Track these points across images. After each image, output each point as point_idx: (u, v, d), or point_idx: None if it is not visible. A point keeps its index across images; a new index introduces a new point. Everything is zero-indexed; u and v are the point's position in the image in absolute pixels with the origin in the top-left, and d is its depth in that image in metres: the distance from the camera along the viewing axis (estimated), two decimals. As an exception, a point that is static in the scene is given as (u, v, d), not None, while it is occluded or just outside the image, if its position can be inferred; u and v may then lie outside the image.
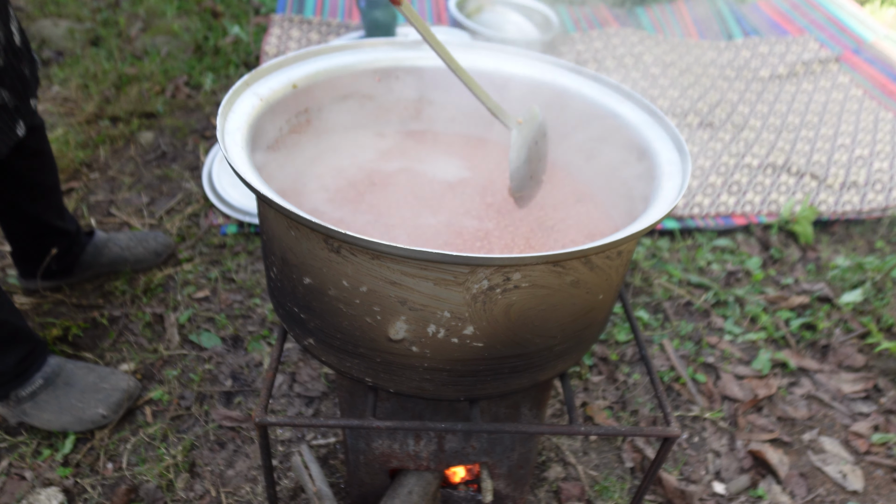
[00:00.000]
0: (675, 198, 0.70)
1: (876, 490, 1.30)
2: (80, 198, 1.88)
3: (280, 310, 0.80)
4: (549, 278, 0.64)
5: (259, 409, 0.76)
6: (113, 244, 1.59)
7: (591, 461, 1.31)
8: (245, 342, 1.49)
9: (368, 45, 0.97)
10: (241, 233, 1.79)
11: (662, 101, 2.42)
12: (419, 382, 0.73)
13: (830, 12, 3.11)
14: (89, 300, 1.56)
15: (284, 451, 1.28)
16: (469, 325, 0.66)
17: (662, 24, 3.11)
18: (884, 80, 2.67)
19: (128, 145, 2.12)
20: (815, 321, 1.66)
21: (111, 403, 1.27)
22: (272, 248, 0.74)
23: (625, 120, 0.88)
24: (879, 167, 2.17)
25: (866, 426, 1.42)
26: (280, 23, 2.75)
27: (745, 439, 1.37)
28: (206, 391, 1.37)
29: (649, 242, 1.90)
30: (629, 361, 1.53)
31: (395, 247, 0.56)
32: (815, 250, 1.93)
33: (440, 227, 0.84)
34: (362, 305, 0.66)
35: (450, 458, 0.99)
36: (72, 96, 2.31)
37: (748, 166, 2.15)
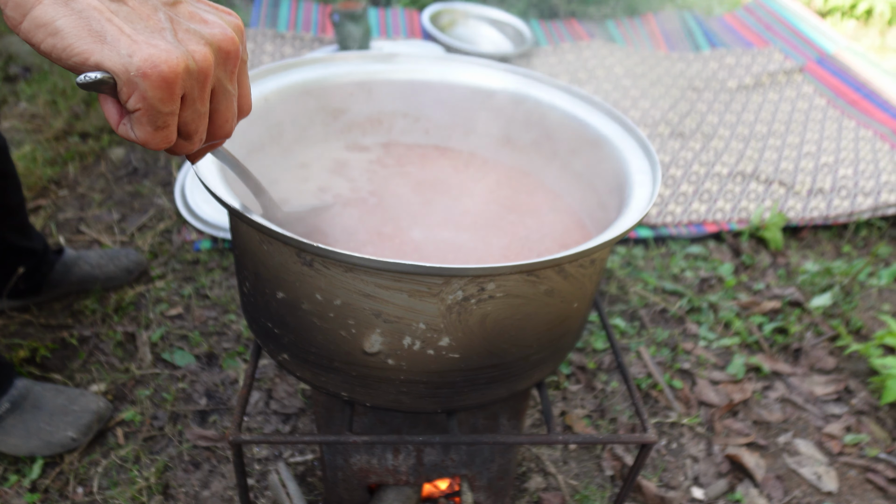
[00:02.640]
0: (646, 206, 0.71)
1: (850, 490, 1.32)
2: (48, 215, 1.84)
3: (254, 325, 0.79)
4: (523, 288, 0.64)
5: (233, 427, 0.75)
6: (83, 262, 1.56)
7: (571, 470, 1.31)
8: (220, 359, 1.47)
9: (341, 58, 0.97)
10: (215, 248, 1.76)
11: (634, 112, 2.46)
12: (396, 395, 0.72)
13: (794, 25, 3.21)
14: (58, 320, 1.52)
15: (261, 470, 1.26)
16: (445, 337, 0.65)
17: (632, 37, 3.17)
18: (846, 89, 2.75)
19: (98, 161, 2.08)
20: (786, 325, 1.69)
21: (81, 426, 1.24)
22: (244, 263, 0.73)
23: (596, 130, 0.90)
24: (844, 174, 2.23)
25: (839, 427, 1.45)
26: (253, 37, 2.75)
27: (721, 444, 1.39)
28: (179, 410, 1.35)
29: (624, 251, 1.92)
30: (607, 369, 1.54)
31: (369, 259, 0.56)
32: (785, 256, 1.97)
33: (414, 240, 0.84)
34: (336, 319, 0.65)
35: (429, 471, 0.99)
36: (40, 112, 2.27)
37: (718, 175, 2.19)
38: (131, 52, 0.40)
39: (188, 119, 0.46)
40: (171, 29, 0.43)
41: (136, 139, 0.44)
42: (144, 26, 0.42)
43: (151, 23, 0.42)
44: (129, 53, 0.40)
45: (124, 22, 0.41)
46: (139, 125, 0.43)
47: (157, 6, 0.43)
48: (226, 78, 0.47)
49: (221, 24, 0.46)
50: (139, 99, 0.41)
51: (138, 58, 0.40)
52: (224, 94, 0.48)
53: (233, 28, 0.47)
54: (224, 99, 0.48)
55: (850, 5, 3.89)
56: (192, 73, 0.43)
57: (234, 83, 0.48)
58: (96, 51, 0.39)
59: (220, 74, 0.46)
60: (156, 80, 0.41)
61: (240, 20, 0.49)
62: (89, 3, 0.40)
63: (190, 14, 0.45)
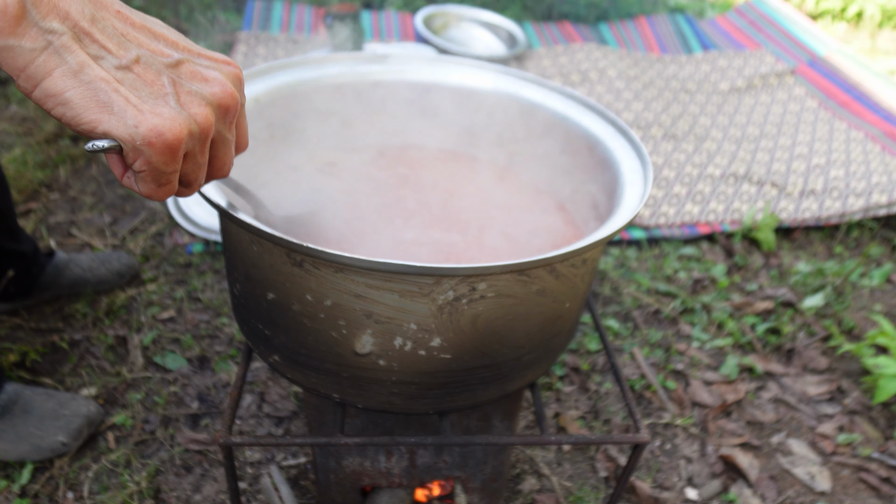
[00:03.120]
0: (637, 206, 0.71)
1: (843, 490, 1.32)
2: (39, 219, 1.83)
3: (244, 327, 0.78)
4: (514, 287, 0.64)
5: (223, 429, 0.74)
6: (74, 265, 1.55)
7: (565, 472, 1.31)
8: (212, 362, 1.46)
9: (332, 59, 0.97)
10: (207, 251, 1.76)
11: (627, 114, 2.46)
12: (388, 397, 0.72)
13: (785, 27, 3.23)
14: (48, 323, 1.51)
15: (254, 473, 1.25)
16: (436, 337, 0.65)
17: (625, 39, 3.18)
18: (837, 91, 2.77)
19: (89, 165, 2.07)
20: (779, 326, 1.69)
21: (71, 430, 1.23)
22: (235, 265, 0.73)
23: (587, 131, 0.90)
24: (836, 175, 2.25)
25: (832, 427, 1.45)
26: (246, 40, 2.74)
27: (715, 444, 1.39)
28: (171, 414, 1.34)
29: (618, 252, 1.92)
30: (600, 370, 1.54)
31: (359, 259, 0.56)
32: (778, 257, 1.97)
33: (406, 241, 0.84)
34: (327, 320, 0.65)
35: (422, 473, 0.98)
36: (30, 115, 2.26)
37: (711, 176, 2.20)
38: (137, 123, 0.42)
39: (188, 171, 0.49)
40: (174, 93, 0.45)
41: (140, 193, 0.47)
42: (149, 93, 0.44)
43: (155, 88, 0.44)
44: (135, 124, 0.42)
45: (130, 91, 0.43)
46: (143, 183, 0.46)
47: (160, 70, 0.45)
48: (225, 129, 0.50)
49: (221, 79, 0.48)
50: (144, 163, 0.44)
51: (144, 128, 0.43)
52: (223, 143, 0.51)
53: (232, 80, 0.50)
54: (222, 146, 0.51)
55: (841, 8, 3.92)
56: (194, 135, 0.46)
57: (232, 132, 0.51)
58: (104, 121, 0.42)
59: (220, 127, 0.49)
60: (160, 147, 0.43)
61: (238, 69, 0.51)
62: (97, 74, 0.42)
63: (191, 73, 0.47)
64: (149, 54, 0.45)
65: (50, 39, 0.41)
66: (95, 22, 0.43)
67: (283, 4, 3.08)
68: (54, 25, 0.41)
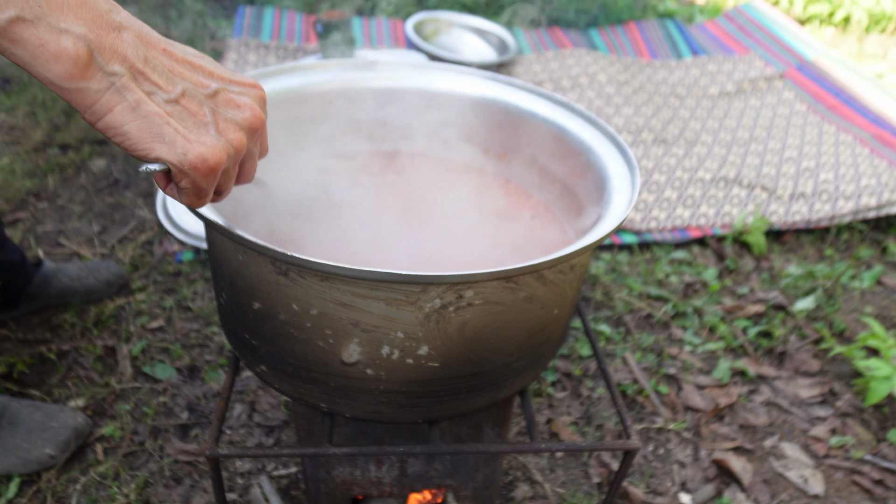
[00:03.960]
0: (625, 211, 0.70)
1: (836, 493, 1.32)
2: (27, 228, 1.81)
3: (231, 337, 0.78)
4: (502, 294, 0.64)
5: (210, 440, 0.74)
6: (62, 275, 1.54)
7: (557, 478, 1.30)
8: (202, 372, 1.45)
9: (321, 66, 0.97)
10: (197, 260, 1.75)
11: (617, 119, 2.47)
12: (376, 406, 0.71)
13: (773, 32, 3.25)
14: (36, 334, 1.49)
15: (244, 484, 1.24)
16: (424, 345, 0.65)
17: (615, 45, 3.20)
18: (825, 95, 2.79)
19: (78, 173, 2.06)
20: (771, 329, 1.70)
21: (59, 442, 1.22)
22: (221, 274, 0.72)
23: (575, 136, 0.90)
24: (825, 178, 2.26)
25: (824, 430, 1.45)
26: (236, 47, 2.74)
27: (708, 449, 1.38)
28: (160, 425, 1.32)
29: (609, 257, 1.92)
30: (593, 376, 1.53)
31: (344, 267, 0.55)
32: (768, 260, 1.98)
33: (394, 248, 0.83)
34: (314, 329, 0.64)
35: (413, 482, 0.97)
36: (19, 124, 2.25)
37: (701, 180, 2.21)
38: (185, 151, 0.51)
39: (222, 183, 0.57)
40: (214, 122, 0.53)
41: (181, 202, 0.56)
42: (193, 123, 0.52)
43: (198, 118, 0.52)
44: (183, 152, 0.51)
45: (178, 122, 0.51)
46: (186, 196, 0.54)
47: (202, 101, 0.52)
48: (253, 145, 0.58)
49: (251, 104, 0.56)
50: (189, 182, 0.53)
51: (192, 155, 0.51)
52: (250, 156, 0.59)
53: (258, 102, 0.57)
54: (249, 159, 0.59)
55: (829, 13, 3.95)
56: (231, 157, 0.55)
57: (257, 146, 0.60)
58: (157, 149, 0.50)
59: (250, 145, 0.58)
60: (204, 170, 0.52)
61: (262, 90, 0.58)
62: (151, 110, 0.49)
63: (227, 101, 0.54)
64: (192, 87, 0.52)
65: (112, 80, 0.48)
66: (148, 62, 0.49)
67: (274, 11, 3.08)
68: (115, 69, 0.47)
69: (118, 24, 0.48)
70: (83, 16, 0.46)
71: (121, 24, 0.48)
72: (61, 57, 0.45)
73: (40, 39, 0.45)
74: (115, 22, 0.48)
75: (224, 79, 0.55)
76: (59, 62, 0.45)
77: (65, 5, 0.45)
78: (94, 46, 0.46)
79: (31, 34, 0.44)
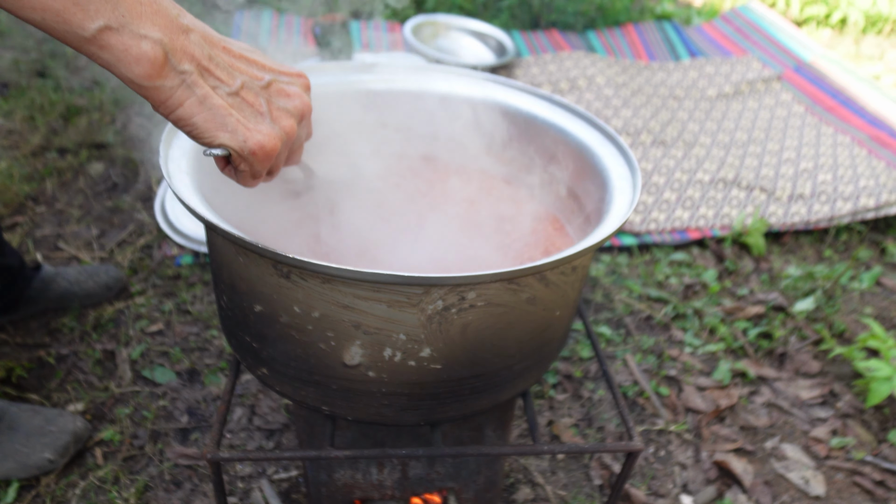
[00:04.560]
0: (626, 212, 0.70)
1: (837, 493, 1.32)
2: (25, 232, 1.81)
3: (232, 340, 0.77)
4: (504, 296, 0.64)
5: (210, 444, 0.73)
6: (61, 279, 1.53)
7: (559, 481, 1.30)
8: (202, 376, 1.44)
9: (319, 69, 0.96)
10: (196, 263, 1.74)
11: (616, 121, 2.48)
12: (378, 408, 0.71)
13: (771, 34, 3.26)
14: (35, 338, 1.49)
15: (245, 488, 1.23)
16: (426, 347, 0.64)
17: (613, 47, 3.20)
18: (823, 96, 2.80)
19: (76, 177, 2.05)
20: (771, 330, 1.69)
21: (58, 447, 1.21)
22: (221, 277, 0.72)
23: (576, 138, 0.90)
24: (823, 179, 2.26)
25: (825, 431, 1.45)
26: (235, 51, 2.73)
27: (709, 450, 1.38)
28: (160, 429, 1.32)
29: (609, 259, 1.92)
30: (593, 378, 1.53)
31: (346, 269, 0.55)
32: (768, 261, 1.98)
33: (395, 250, 0.83)
34: (315, 331, 0.64)
35: (415, 485, 0.97)
36: (16, 128, 2.24)
37: (700, 182, 2.21)
38: (246, 139, 0.58)
39: (274, 165, 0.63)
40: (269, 112, 0.60)
41: (237, 182, 0.62)
42: (251, 113, 0.59)
43: (255, 108, 0.59)
44: (244, 139, 0.58)
45: (239, 113, 0.58)
46: (242, 177, 0.62)
47: (258, 92, 0.59)
48: (302, 130, 0.64)
49: (299, 92, 0.62)
50: (247, 165, 0.60)
51: (252, 142, 0.58)
52: (298, 140, 0.65)
53: (305, 91, 0.63)
54: (298, 142, 0.66)
55: (826, 15, 3.97)
56: (285, 143, 0.61)
57: (304, 130, 0.66)
58: (221, 136, 0.57)
59: (299, 130, 0.64)
60: (261, 156, 0.59)
61: (307, 79, 0.64)
62: (216, 102, 0.56)
63: (279, 91, 0.61)
64: (249, 79, 0.59)
65: (183, 78, 0.54)
66: (212, 59, 0.56)
67: (272, 14, 3.08)
68: (186, 67, 0.54)
69: (186, 26, 0.54)
70: (158, 22, 0.51)
71: (188, 27, 0.54)
72: (142, 59, 0.51)
73: (124, 45, 0.50)
74: (183, 25, 0.53)
75: (275, 70, 0.61)
76: (140, 64, 0.51)
77: (143, 13, 0.51)
78: (168, 49, 0.52)
79: (117, 40, 0.50)
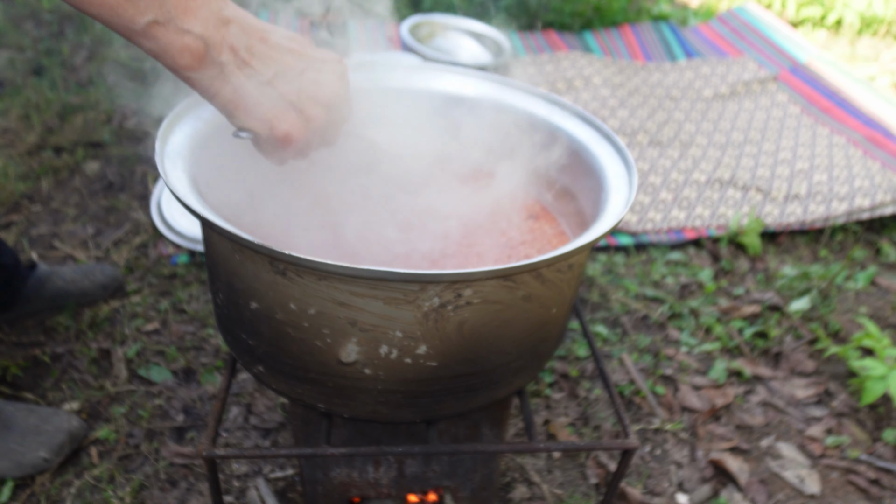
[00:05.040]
0: (622, 210, 0.71)
1: (832, 492, 1.33)
2: (20, 231, 1.80)
3: (228, 337, 0.77)
4: (500, 293, 0.64)
5: (206, 442, 0.73)
6: (56, 278, 1.53)
7: (555, 479, 1.30)
8: (198, 374, 1.44)
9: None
10: (192, 262, 1.74)
11: (612, 121, 2.48)
12: (374, 406, 0.71)
13: (766, 35, 3.27)
14: (30, 337, 1.48)
15: (241, 486, 1.23)
16: (422, 345, 0.64)
17: (610, 47, 3.21)
18: (818, 97, 2.81)
19: (72, 176, 2.05)
20: (766, 329, 1.70)
21: (53, 446, 1.21)
22: (217, 274, 0.72)
23: (572, 136, 0.90)
24: (819, 179, 2.27)
25: (820, 430, 1.46)
26: (231, 50, 2.73)
27: (705, 449, 1.39)
28: (156, 427, 1.32)
29: (605, 258, 1.92)
30: (590, 377, 1.53)
31: (342, 266, 0.55)
32: (764, 261, 1.99)
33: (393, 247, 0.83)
34: (311, 328, 0.64)
35: (411, 483, 0.97)
36: (12, 127, 2.23)
37: (696, 182, 2.21)
38: (273, 127, 0.62)
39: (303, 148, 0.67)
40: (299, 100, 0.63)
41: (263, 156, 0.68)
42: (281, 102, 0.62)
43: (286, 97, 0.62)
44: (271, 127, 0.62)
45: (269, 102, 0.62)
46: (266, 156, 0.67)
47: (290, 80, 0.62)
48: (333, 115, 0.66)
49: (332, 80, 0.64)
50: (271, 148, 0.65)
51: (278, 131, 0.63)
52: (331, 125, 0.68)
53: (338, 77, 0.65)
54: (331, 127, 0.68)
55: (821, 16, 3.98)
56: (311, 131, 0.65)
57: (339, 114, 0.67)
58: (251, 123, 0.62)
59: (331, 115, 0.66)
60: (285, 143, 0.64)
61: (344, 64, 0.66)
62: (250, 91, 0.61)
63: (311, 81, 0.63)
64: (283, 68, 0.62)
65: (221, 68, 0.59)
66: (249, 49, 0.60)
67: (268, 13, 3.07)
68: (224, 59, 0.58)
69: (227, 18, 0.58)
70: (201, 16, 0.56)
71: (229, 19, 0.58)
72: (184, 52, 0.56)
73: (169, 39, 0.55)
74: (224, 17, 0.58)
75: (309, 57, 0.64)
76: (183, 56, 0.56)
77: (188, 8, 0.55)
78: (209, 42, 0.57)
79: (163, 34, 0.55)
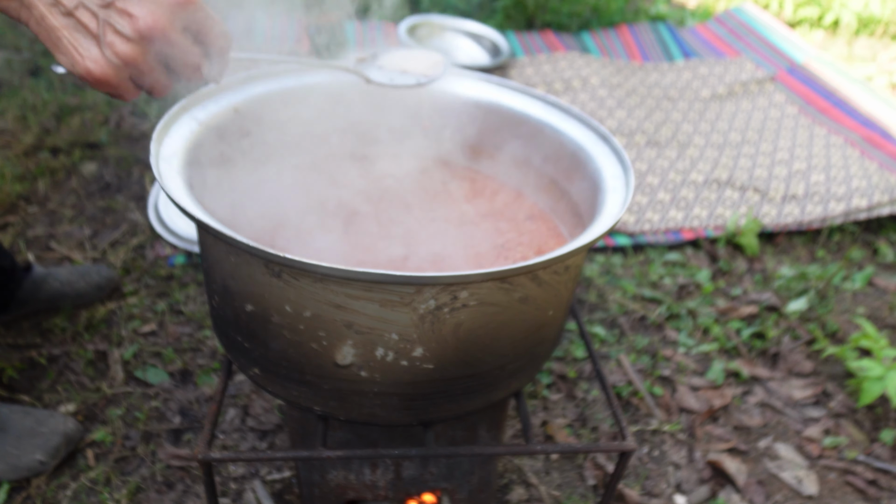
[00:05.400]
0: (619, 212, 0.70)
1: (830, 493, 1.32)
2: (17, 232, 1.80)
3: (224, 339, 0.77)
4: (497, 295, 0.64)
5: (202, 444, 0.73)
6: (52, 279, 1.52)
7: (553, 481, 1.30)
8: (194, 376, 1.43)
9: (313, 68, 0.96)
10: (189, 263, 1.73)
11: (610, 122, 2.48)
12: (370, 409, 0.71)
13: (764, 35, 3.27)
14: (26, 339, 1.48)
15: (237, 489, 1.23)
16: (418, 347, 0.64)
17: (608, 48, 3.21)
18: (815, 97, 2.81)
19: (69, 177, 2.04)
20: (764, 330, 1.70)
21: (49, 448, 1.20)
22: (213, 276, 0.71)
23: (569, 138, 0.90)
24: (816, 180, 2.27)
25: (818, 430, 1.46)
26: (229, 51, 2.73)
27: (703, 450, 1.38)
28: (152, 430, 1.31)
29: (603, 259, 1.92)
30: (587, 378, 1.53)
31: (338, 269, 0.55)
32: (761, 261, 1.99)
33: (389, 249, 0.83)
34: (307, 331, 0.64)
35: (408, 486, 0.97)
36: (8, 128, 2.23)
37: (694, 182, 2.21)
38: (74, 63, 0.59)
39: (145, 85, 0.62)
40: (103, 35, 0.58)
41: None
42: (83, 35, 0.58)
43: (88, 31, 0.58)
44: (72, 64, 0.59)
45: (71, 35, 0.58)
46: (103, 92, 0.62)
47: (95, 12, 0.57)
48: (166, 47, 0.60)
49: (144, 13, 0.57)
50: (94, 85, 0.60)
51: (79, 68, 0.59)
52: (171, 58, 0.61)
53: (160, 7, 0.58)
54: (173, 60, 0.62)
55: (818, 16, 3.98)
56: (121, 68, 0.59)
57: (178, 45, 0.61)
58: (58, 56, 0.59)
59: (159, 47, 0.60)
60: (92, 82, 0.59)
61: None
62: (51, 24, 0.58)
63: (120, 11, 0.57)
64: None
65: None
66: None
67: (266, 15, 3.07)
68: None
69: None
70: None
71: None
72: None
73: None
74: None
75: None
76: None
77: None
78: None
79: None
